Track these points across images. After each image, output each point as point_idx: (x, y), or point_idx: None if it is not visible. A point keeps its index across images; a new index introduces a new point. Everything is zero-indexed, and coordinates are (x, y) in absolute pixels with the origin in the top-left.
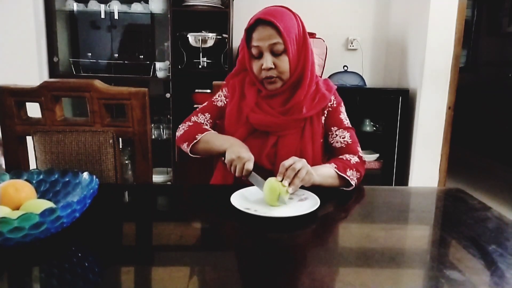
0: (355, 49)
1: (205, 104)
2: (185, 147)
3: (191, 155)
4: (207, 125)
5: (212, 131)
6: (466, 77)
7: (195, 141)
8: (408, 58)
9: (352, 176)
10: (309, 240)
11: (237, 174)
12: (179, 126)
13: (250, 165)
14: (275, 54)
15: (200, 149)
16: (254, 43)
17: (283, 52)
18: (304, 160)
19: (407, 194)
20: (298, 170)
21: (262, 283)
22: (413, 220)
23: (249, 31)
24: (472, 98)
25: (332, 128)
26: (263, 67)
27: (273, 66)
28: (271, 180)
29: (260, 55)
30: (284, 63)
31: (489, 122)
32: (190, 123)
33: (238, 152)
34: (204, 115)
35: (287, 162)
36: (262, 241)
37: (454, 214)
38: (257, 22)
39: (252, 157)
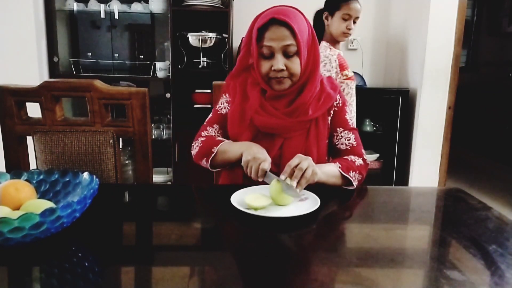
0: (355, 49)
1: (210, 115)
2: (204, 163)
3: (212, 169)
4: (218, 136)
5: (226, 140)
6: (466, 77)
7: (212, 154)
8: (408, 58)
9: (354, 178)
10: (309, 240)
11: (253, 175)
12: (192, 144)
13: (265, 165)
14: (286, 55)
15: (219, 160)
16: (266, 42)
17: (295, 53)
18: (309, 158)
19: (407, 194)
20: (305, 170)
21: (262, 283)
22: (413, 220)
23: (261, 29)
24: (472, 98)
25: (338, 129)
26: (273, 68)
27: (284, 68)
28: (275, 181)
29: (270, 55)
30: (296, 65)
31: (489, 122)
32: (202, 138)
33: (254, 153)
34: (213, 127)
35: (293, 162)
36: (262, 241)
37: (454, 214)
38: (271, 22)
39: (268, 158)
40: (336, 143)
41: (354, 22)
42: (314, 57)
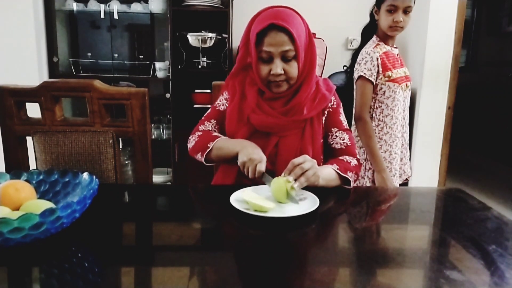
0: (355, 49)
1: (209, 111)
2: (199, 157)
3: (206, 164)
4: (215, 131)
5: (223, 136)
6: (466, 77)
7: (208, 150)
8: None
9: (351, 178)
10: (309, 240)
11: (250, 176)
12: (189, 137)
13: (261, 167)
14: (285, 59)
15: (213, 156)
16: (266, 48)
17: (293, 58)
18: (314, 161)
19: (407, 194)
20: (306, 170)
21: (262, 283)
22: (413, 220)
23: (259, 34)
24: (472, 98)
25: (332, 129)
26: (272, 72)
27: (282, 72)
28: (278, 177)
29: (269, 59)
30: (294, 68)
31: (489, 122)
32: (199, 133)
33: (249, 154)
34: (210, 122)
35: (297, 160)
36: (262, 241)
37: (454, 214)
38: (270, 27)
39: (264, 158)
40: (331, 143)
41: (407, 13)
42: (311, 58)
